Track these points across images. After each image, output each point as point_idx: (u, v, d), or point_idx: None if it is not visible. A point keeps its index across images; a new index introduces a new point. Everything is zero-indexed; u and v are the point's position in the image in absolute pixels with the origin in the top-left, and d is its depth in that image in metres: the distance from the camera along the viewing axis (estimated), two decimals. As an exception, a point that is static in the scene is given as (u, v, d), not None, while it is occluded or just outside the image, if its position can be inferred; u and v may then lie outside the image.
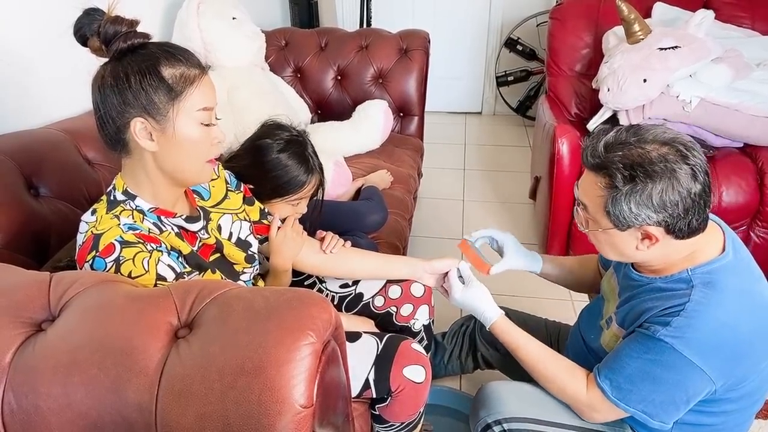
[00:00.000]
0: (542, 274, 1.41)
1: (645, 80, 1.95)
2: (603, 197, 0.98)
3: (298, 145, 1.30)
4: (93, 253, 0.87)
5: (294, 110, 2.22)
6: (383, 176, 2.06)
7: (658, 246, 0.99)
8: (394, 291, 1.37)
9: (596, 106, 2.19)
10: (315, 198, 1.38)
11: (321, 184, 1.36)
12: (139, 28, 0.90)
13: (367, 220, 1.73)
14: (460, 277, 1.29)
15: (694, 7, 2.17)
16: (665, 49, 1.96)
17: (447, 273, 1.30)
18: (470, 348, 1.61)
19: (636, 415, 1.03)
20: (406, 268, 1.35)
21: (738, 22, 2.26)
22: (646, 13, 2.25)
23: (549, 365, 1.15)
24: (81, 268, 0.88)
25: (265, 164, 1.27)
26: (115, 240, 0.88)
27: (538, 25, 3.62)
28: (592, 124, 2.16)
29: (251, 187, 1.25)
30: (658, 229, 0.96)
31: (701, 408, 1.03)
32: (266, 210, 1.27)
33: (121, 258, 0.86)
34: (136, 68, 0.86)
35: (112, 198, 0.95)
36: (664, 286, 1.03)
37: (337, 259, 1.31)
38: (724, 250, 1.02)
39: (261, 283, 1.29)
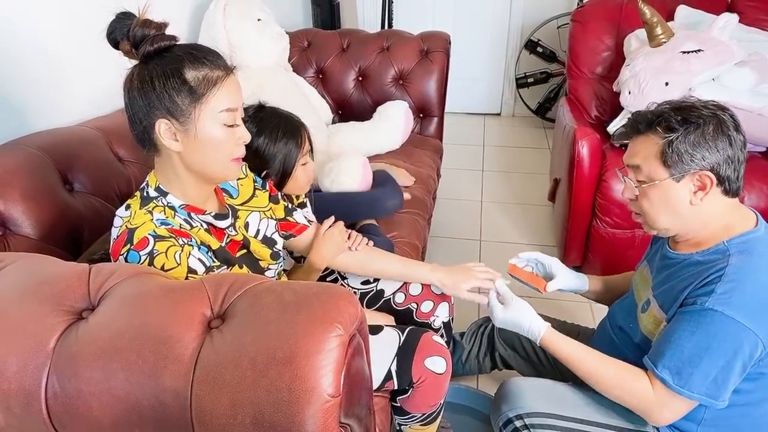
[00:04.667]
0: (589, 292, 1.41)
1: (667, 84, 1.94)
2: (659, 145, 1.04)
3: (261, 120, 1.31)
4: (127, 246, 0.91)
5: (316, 111, 2.25)
6: (402, 176, 2.08)
7: (707, 201, 1.04)
8: (415, 288, 1.39)
9: (617, 109, 2.19)
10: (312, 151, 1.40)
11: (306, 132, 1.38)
12: (168, 30, 0.92)
13: (386, 205, 1.78)
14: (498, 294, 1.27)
15: (717, 10, 2.16)
16: (688, 52, 1.95)
17: (486, 293, 1.29)
18: (488, 348, 1.62)
19: (701, 401, 1.01)
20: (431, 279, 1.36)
21: (762, 26, 2.24)
22: (669, 16, 2.24)
23: (610, 372, 1.11)
24: (115, 261, 0.92)
25: (259, 153, 1.29)
26: (149, 234, 0.91)
27: (558, 27, 3.61)
28: (613, 127, 2.16)
29: (273, 178, 1.30)
30: (711, 175, 1.02)
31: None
32: (290, 206, 1.30)
33: (154, 251, 0.90)
34: (160, 71, 0.89)
35: (145, 194, 0.99)
36: (701, 259, 1.05)
37: (366, 260, 1.34)
38: (756, 225, 1.06)
39: (284, 278, 1.32)
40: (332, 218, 1.32)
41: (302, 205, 1.41)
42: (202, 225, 1.02)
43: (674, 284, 1.08)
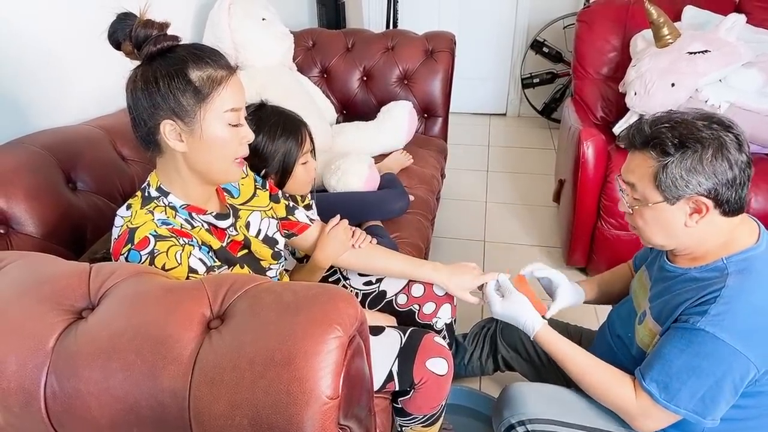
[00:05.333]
0: (586, 302, 1.40)
1: (673, 84, 1.93)
2: (653, 168, 0.99)
3: (260, 118, 1.30)
4: (128, 246, 0.91)
5: (320, 110, 2.25)
6: (398, 158, 2.10)
7: (704, 222, 1.00)
8: (417, 289, 1.39)
9: (622, 110, 2.18)
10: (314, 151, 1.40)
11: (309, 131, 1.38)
12: (172, 29, 0.92)
13: (394, 207, 1.80)
14: (497, 290, 1.27)
15: (725, 10, 2.14)
16: (694, 53, 1.94)
17: (483, 286, 1.30)
18: (491, 350, 1.62)
19: (687, 416, 1.01)
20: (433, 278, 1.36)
21: (770, 27, 2.22)
22: (676, 17, 2.22)
23: (597, 375, 1.12)
24: (116, 261, 0.92)
25: (258, 151, 1.28)
26: (150, 234, 0.91)
27: (564, 28, 3.60)
28: (618, 128, 2.15)
29: (273, 176, 1.30)
30: (708, 200, 0.98)
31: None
32: (292, 204, 1.29)
33: (155, 251, 0.90)
34: (164, 72, 0.88)
35: (146, 194, 0.99)
36: (699, 275, 1.03)
37: (369, 258, 1.35)
38: (758, 241, 1.03)
39: (286, 278, 1.32)
40: (338, 217, 1.32)
41: (308, 207, 1.40)
42: (203, 225, 1.02)
43: (669, 298, 1.06)
